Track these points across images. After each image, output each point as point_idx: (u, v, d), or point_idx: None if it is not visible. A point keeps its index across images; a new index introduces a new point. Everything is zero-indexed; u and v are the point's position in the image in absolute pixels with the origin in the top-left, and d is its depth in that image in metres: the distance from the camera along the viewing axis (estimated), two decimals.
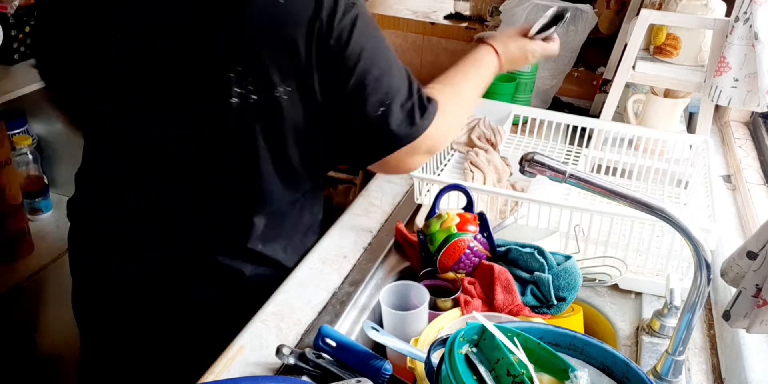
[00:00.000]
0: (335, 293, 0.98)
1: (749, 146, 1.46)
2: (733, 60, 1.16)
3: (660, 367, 0.81)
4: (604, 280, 1.00)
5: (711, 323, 0.98)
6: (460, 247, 0.94)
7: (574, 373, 0.67)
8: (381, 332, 0.82)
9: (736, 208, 1.26)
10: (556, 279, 0.93)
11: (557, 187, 1.12)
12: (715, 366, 0.89)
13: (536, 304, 0.92)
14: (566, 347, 0.73)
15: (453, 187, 1.01)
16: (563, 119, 1.31)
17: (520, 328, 0.71)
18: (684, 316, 0.76)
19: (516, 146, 1.36)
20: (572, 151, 1.33)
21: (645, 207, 0.72)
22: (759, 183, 1.29)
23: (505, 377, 0.63)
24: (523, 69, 1.51)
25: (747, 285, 0.75)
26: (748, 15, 1.12)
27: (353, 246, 1.09)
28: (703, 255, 0.71)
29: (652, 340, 0.91)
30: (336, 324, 0.91)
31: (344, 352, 0.81)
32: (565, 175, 0.75)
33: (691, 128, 1.50)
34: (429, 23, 2.42)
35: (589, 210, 0.99)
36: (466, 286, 0.93)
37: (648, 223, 0.97)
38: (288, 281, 0.99)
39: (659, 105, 1.38)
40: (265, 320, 0.91)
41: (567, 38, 1.64)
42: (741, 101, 1.19)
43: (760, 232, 0.76)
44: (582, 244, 1.03)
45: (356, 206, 1.21)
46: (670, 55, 1.32)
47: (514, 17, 1.65)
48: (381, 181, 1.31)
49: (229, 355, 0.85)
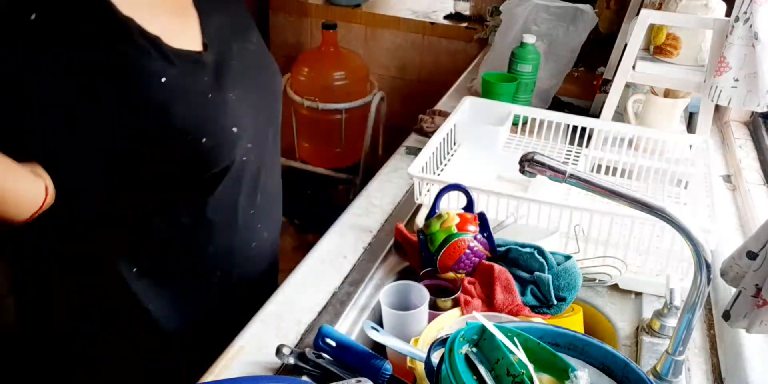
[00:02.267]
0: (335, 293, 0.98)
1: (749, 146, 1.46)
2: (733, 60, 1.16)
3: (660, 367, 0.81)
4: (604, 280, 1.00)
5: (711, 323, 0.98)
6: (460, 247, 0.94)
7: (574, 373, 0.67)
8: (381, 332, 0.83)
9: (736, 208, 1.26)
10: (556, 279, 0.93)
11: (557, 187, 1.12)
12: (715, 366, 0.89)
13: (536, 304, 0.92)
14: (566, 347, 0.73)
15: (453, 187, 1.01)
16: (563, 119, 1.31)
17: (520, 328, 0.71)
18: (684, 316, 0.76)
19: (516, 146, 1.36)
20: (572, 151, 1.33)
21: (645, 207, 0.72)
22: (759, 183, 1.29)
23: (505, 377, 0.63)
24: (523, 69, 1.52)
25: (747, 285, 0.75)
26: (748, 15, 1.12)
27: (353, 246, 1.09)
28: (703, 255, 0.71)
29: (652, 340, 0.91)
30: (336, 324, 0.91)
31: (344, 352, 0.81)
32: (565, 175, 0.75)
33: (691, 128, 1.50)
34: (429, 23, 2.42)
35: (589, 210, 0.99)
36: (466, 286, 0.93)
37: (648, 223, 0.97)
38: (288, 281, 0.99)
39: (659, 105, 1.37)
40: (265, 320, 0.91)
41: (567, 38, 1.64)
42: (741, 101, 1.19)
43: (760, 232, 0.76)
44: (582, 244, 1.03)
45: (356, 206, 1.21)
46: (670, 55, 1.32)
47: (514, 17, 1.65)
48: (381, 181, 1.31)
49: (229, 355, 0.85)
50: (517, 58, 1.51)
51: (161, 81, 0.78)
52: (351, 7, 2.51)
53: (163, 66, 0.78)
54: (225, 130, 0.85)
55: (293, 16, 2.62)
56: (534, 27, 1.65)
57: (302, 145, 2.53)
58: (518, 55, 1.51)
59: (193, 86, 0.82)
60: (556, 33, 1.64)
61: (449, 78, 2.07)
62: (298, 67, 2.34)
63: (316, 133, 2.48)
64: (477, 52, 2.26)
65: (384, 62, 2.58)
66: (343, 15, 2.51)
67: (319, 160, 2.51)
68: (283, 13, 2.63)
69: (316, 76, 2.33)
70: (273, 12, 2.64)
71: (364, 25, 2.52)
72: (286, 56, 2.67)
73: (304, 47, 2.66)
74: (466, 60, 2.30)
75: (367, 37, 2.55)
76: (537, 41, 1.53)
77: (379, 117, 2.38)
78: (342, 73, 2.31)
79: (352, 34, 2.56)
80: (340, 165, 2.51)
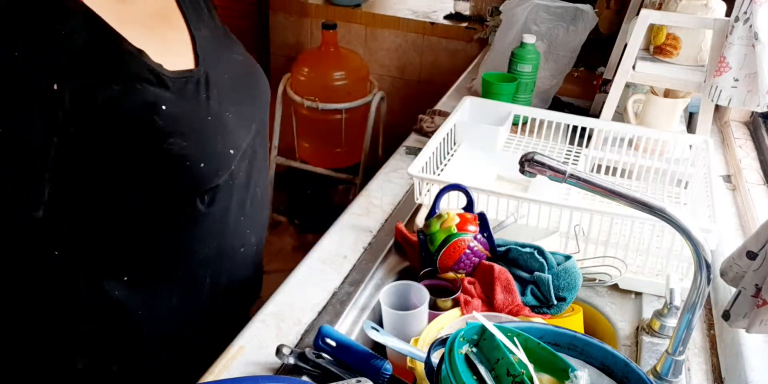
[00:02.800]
0: (335, 293, 0.98)
1: (749, 146, 1.46)
2: (733, 60, 1.16)
3: (660, 367, 0.81)
4: (604, 280, 1.00)
5: (711, 323, 0.98)
6: (460, 247, 0.94)
7: (574, 373, 0.67)
8: (381, 332, 0.83)
9: (736, 208, 1.26)
10: (556, 279, 0.93)
11: (557, 187, 1.12)
12: (715, 366, 0.89)
13: (536, 304, 0.92)
14: (566, 347, 0.73)
15: (453, 187, 1.01)
16: (563, 119, 1.31)
17: (520, 328, 0.71)
18: (684, 316, 0.76)
19: (516, 146, 1.36)
20: (572, 151, 1.33)
21: (645, 207, 0.72)
22: (759, 183, 1.29)
23: (505, 377, 0.63)
24: (523, 69, 1.52)
25: (746, 285, 0.75)
26: (748, 15, 1.12)
27: (353, 246, 1.09)
28: (703, 255, 0.71)
29: (652, 340, 0.91)
30: (336, 324, 0.91)
31: (344, 352, 0.81)
32: (565, 175, 0.75)
33: (691, 128, 1.50)
34: (429, 23, 2.42)
35: (589, 210, 0.99)
36: (466, 286, 0.93)
37: (648, 223, 0.97)
38: (288, 281, 0.99)
39: (659, 105, 1.37)
40: (265, 320, 0.91)
41: (567, 38, 1.64)
42: (741, 101, 1.19)
43: (760, 232, 0.76)
44: (582, 244, 1.03)
45: (356, 206, 1.21)
46: (670, 55, 1.32)
47: (514, 17, 1.65)
48: (381, 181, 1.31)
49: (229, 355, 0.85)
50: (517, 58, 1.51)
51: (162, 109, 0.78)
52: (351, 7, 2.51)
53: (162, 93, 0.78)
54: (224, 154, 0.86)
55: (293, 16, 2.62)
56: (534, 27, 1.65)
57: (302, 145, 2.53)
58: (518, 55, 1.51)
59: (193, 110, 0.82)
60: (556, 33, 1.64)
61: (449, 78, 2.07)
62: (298, 67, 2.34)
63: (316, 133, 2.48)
64: (477, 52, 2.26)
65: (384, 62, 2.58)
66: (343, 15, 2.51)
67: (319, 160, 2.51)
68: (283, 13, 2.63)
69: (316, 76, 2.33)
70: (273, 12, 2.64)
71: (364, 25, 2.53)
72: (286, 56, 2.67)
73: (304, 47, 2.66)
74: (466, 60, 2.30)
75: (367, 37, 2.55)
76: (537, 41, 1.53)
77: (379, 117, 2.38)
78: (342, 73, 2.31)
79: (352, 34, 2.56)
80: (340, 165, 2.51)
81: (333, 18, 2.46)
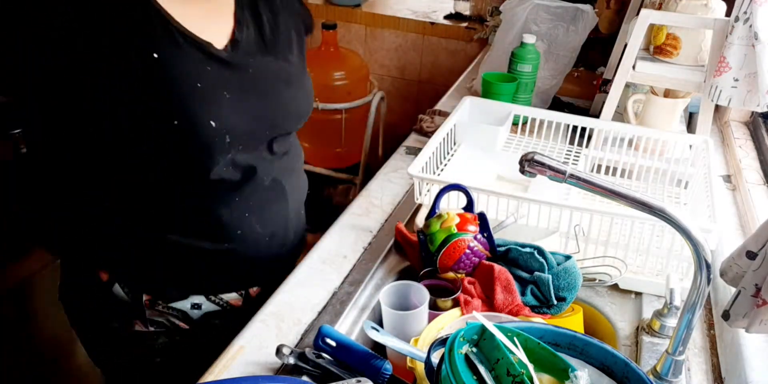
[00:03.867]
0: (335, 293, 0.98)
1: (749, 146, 1.46)
2: (733, 60, 1.16)
3: (660, 367, 0.81)
4: (604, 280, 1.00)
5: (711, 323, 0.98)
6: (460, 247, 0.94)
7: (574, 373, 0.67)
8: (381, 332, 0.82)
9: (736, 208, 1.26)
10: (556, 279, 0.93)
11: (557, 187, 1.12)
12: (715, 366, 0.89)
13: (536, 304, 0.92)
14: (566, 347, 0.73)
15: (453, 187, 1.01)
16: (563, 119, 1.31)
17: (520, 328, 0.71)
18: (684, 316, 0.76)
19: (516, 146, 1.36)
20: (572, 151, 1.33)
21: (645, 207, 0.72)
22: (759, 183, 1.29)
23: (505, 377, 0.63)
24: (523, 69, 1.52)
25: (746, 285, 0.75)
26: (748, 15, 1.12)
27: (353, 246, 1.09)
28: (703, 255, 0.71)
29: (652, 340, 0.91)
30: (336, 324, 0.91)
31: (344, 352, 0.81)
32: (565, 175, 0.75)
33: (691, 128, 1.50)
34: (429, 23, 2.42)
35: (589, 210, 0.99)
36: (466, 286, 0.93)
37: (648, 223, 0.97)
38: (288, 281, 0.99)
39: (659, 105, 1.38)
40: (265, 320, 0.91)
41: (567, 38, 1.64)
42: (741, 101, 1.19)
43: (760, 232, 0.76)
44: (582, 244, 1.03)
45: (356, 206, 1.22)
46: (670, 55, 1.32)
47: (514, 17, 1.65)
48: (381, 181, 1.31)
49: (229, 355, 0.85)
50: (517, 58, 1.51)
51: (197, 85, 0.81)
52: (351, 7, 2.51)
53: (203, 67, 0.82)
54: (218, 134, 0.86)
55: None
56: (534, 27, 1.65)
57: (302, 145, 2.52)
58: (518, 55, 1.51)
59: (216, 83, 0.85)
60: (556, 33, 1.64)
61: (449, 78, 2.07)
62: None
63: (316, 133, 2.48)
64: (477, 52, 2.26)
65: (384, 62, 2.58)
66: (343, 15, 2.51)
67: (319, 160, 2.51)
68: None
69: (316, 76, 2.32)
70: None
71: (364, 25, 2.53)
72: None
73: None
74: (466, 60, 2.30)
75: (367, 37, 2.55)
76: (537, 41, 1.53)
77: (379, 117, 2.38)
78: (342, 73, 2.31)
79: (352, 34, 2.56)
80: (340, 165, 2.51)
81: (333, 18, 2.45)
